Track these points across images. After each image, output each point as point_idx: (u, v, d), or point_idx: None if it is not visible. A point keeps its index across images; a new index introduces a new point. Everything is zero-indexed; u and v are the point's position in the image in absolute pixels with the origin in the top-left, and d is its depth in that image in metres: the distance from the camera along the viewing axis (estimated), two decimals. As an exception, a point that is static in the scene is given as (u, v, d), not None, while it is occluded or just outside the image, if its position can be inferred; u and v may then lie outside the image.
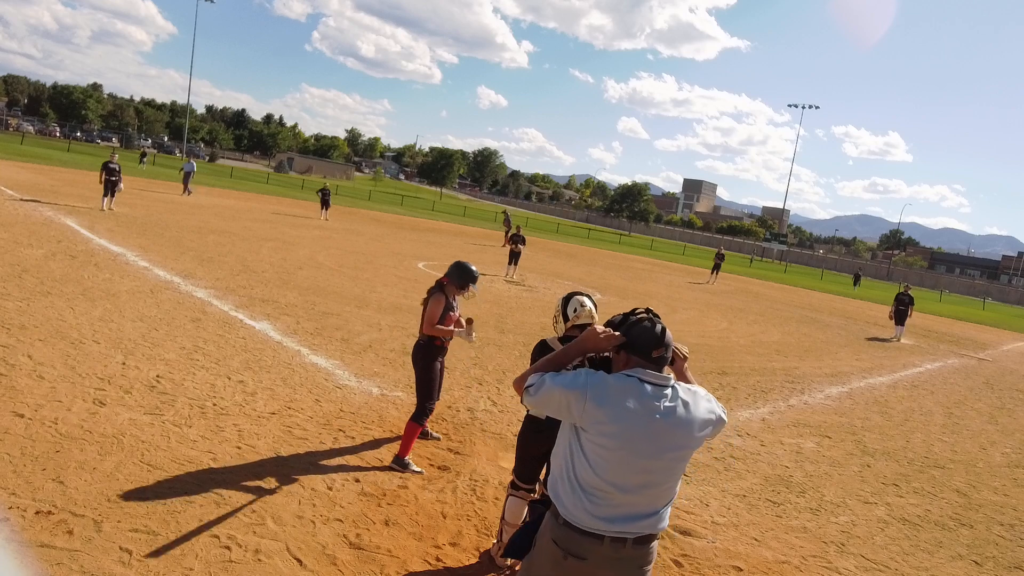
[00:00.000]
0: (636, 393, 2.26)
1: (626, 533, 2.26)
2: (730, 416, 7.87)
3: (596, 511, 2.26)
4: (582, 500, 2.27)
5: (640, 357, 2.33)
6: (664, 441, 2.26)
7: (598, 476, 2.25)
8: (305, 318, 9.37)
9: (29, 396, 5.11)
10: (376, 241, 23.02)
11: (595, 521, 2.26)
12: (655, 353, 2.33)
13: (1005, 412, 10.95)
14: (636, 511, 2.28)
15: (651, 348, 2.33)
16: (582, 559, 2.27)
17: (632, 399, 2.24)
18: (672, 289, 23.83)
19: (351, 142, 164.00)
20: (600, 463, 2.25)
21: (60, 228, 13.81)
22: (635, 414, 2.23)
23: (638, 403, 2.24)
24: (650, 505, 2.30)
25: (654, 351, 2.33)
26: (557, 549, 2.31)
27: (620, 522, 2.26)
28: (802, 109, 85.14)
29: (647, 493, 2.29)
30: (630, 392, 2.26)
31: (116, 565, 3.31)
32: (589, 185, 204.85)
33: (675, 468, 2.33)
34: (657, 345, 2.34)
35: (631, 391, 2.26)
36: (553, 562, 2.32)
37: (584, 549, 2.27)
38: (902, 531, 5.41)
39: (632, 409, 2.23)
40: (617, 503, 2.26)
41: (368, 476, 4.81)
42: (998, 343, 23.19)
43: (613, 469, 2.25)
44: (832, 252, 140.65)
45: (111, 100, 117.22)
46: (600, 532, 2.25)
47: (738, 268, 50.13)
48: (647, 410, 2.24)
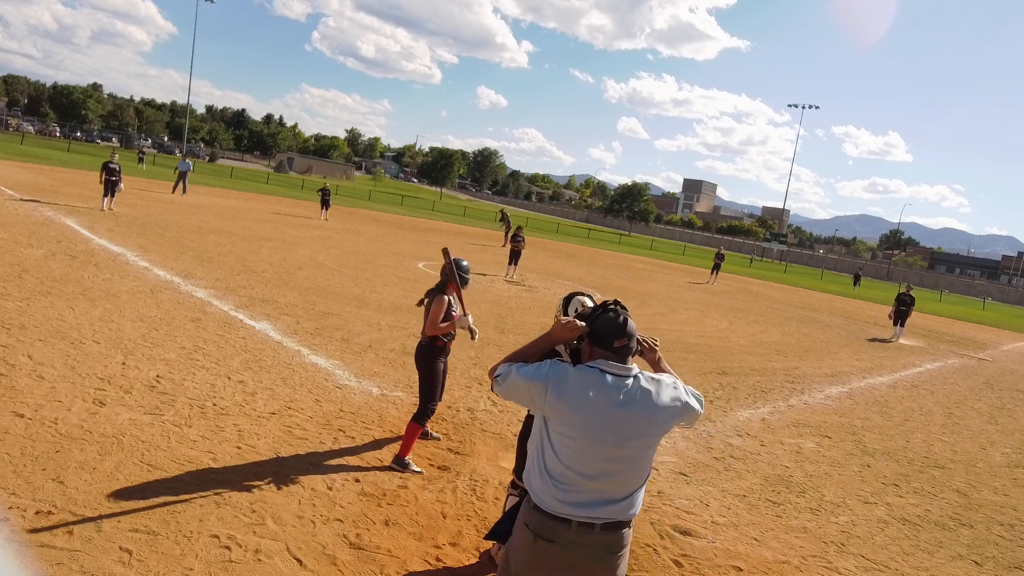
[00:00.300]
0: (596, 383, 2.33)
1: (593, 518, 2.34)
2: (730, 416, 7.90)
3: (563, 497, 2.34)
4: (550, 486, 2.36)
5: (603, 348, 2.39)
6: (625, 430, 2.32)
7: (563, 464, 2.34)
8: (305, 318, 9.38)
9: (29, 396, 5.11)
10: (376, 241, 23.02)
11: (562, 506, 2.35)
12: (617, 343, 2.38)
13: (1005, 412, 10.95)
14: (602, 497, 2.35)
15: (613, 338, 2.38)
16: (550, 542, 2.36)
17: (592, 389, 2.32)
18: (672, 289, 23.83)
19: (351, 142, 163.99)
20: (564, 451, 2.34)
21: (60, 228, 13.81)
22: (594, 404, 2.30)
23: (598, 393, 2.31)
24: (617, 492, 2.37)
25: (616, 341, 2.38)
26: (528, 532, 2.41)
27: (586, 507, 2.34)
28: (802, 109, 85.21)
29: (612, 480, 2.36)
30: (590, 382, 2.33)
31: (116, 565, 3.31)
32: (589, 185, 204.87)
33: (639, 456, 2.38)
34: (619, 336, 2.38)
35: (591, 381, 2.33)
36: (526, 545, 2.42)
37: (552, 532, 2.36)
38: (902, 531, 5.41)
39: (591, 399, 2.30)
40: (583, 489, 2.34)
41: (368, 476, 4.81)
42: (998, 343, 23.20)
43: (576, 457, 2.33)
44: (832, 252, 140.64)
45: (111, 100, 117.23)
46: (567, 517, 2.34)
47: (738, 268, 50.14)
48: (607, 400, 2.31)
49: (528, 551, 2.42)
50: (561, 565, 2.38)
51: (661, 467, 5.91)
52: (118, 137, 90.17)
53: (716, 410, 8.13)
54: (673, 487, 5.52)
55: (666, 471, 5.84)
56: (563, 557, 2.36)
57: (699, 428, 7.26)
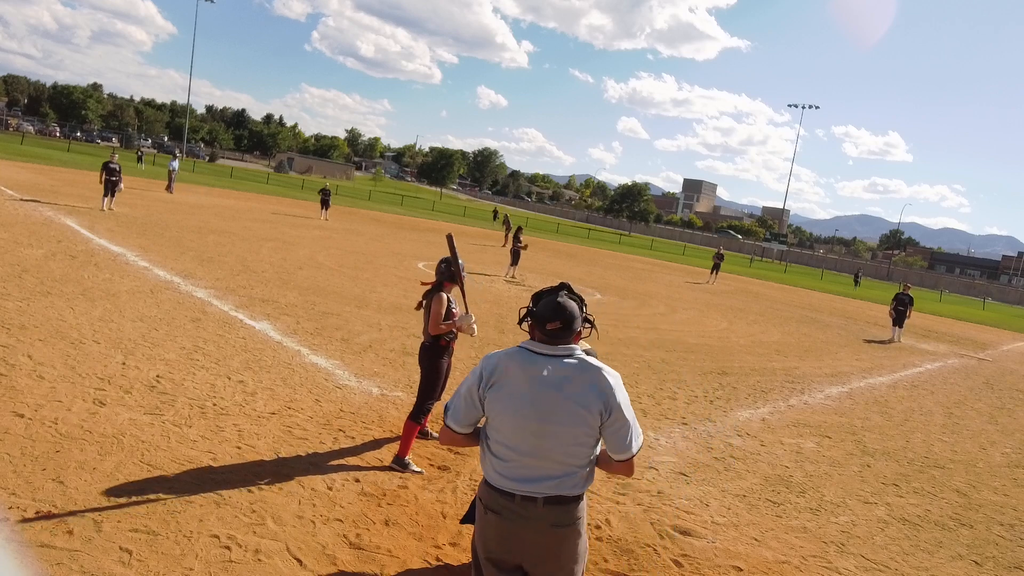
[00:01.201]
0: (521, 362, 2.47)
1: (534, 493, 2.44)
2: (730, 416, 7.90)
3: (505, 471, 2.48)
4: (494, 462, 2.51)
5: (539, 330, 2.51)
6: (545, 407, 2.42)
7: (499, 441, 2.49)
8: (305, 318, 9.37)
9: (29, 396, 5.11)
10: (376, 241, 23.02)
11: (505, 480, 2.48)
12: (549, 326, 2.48)
13: (1005, 412, 10.95)
14: (541, 474, 2.45)
15: (546, 321, 2.48)
16: (497, 514, 2.49)
17: (518, 368, 2.46)
18: (672, 289, 23.83)
19: (351, 142, 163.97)
20: (499, 428, 2.49)
21: (60, 228, 13.81)
22: (517, 382, 2.45)
23: (521, 372, 2.46)
24: (553, 469, 2.45)
25: (548, 324, 2.48)
26: (481, 506, 2.56)
27: (527, 482, 2.45)
28: (802, 109, 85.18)
29: (544, 457, 2.44)
30: (516, 362, 2.48)
31: (116, 565, 3.31)
32: (589, 185, 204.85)
33: (567, 436, 2.43)
34: (551, 319, 2.48)
35: (517, 361, 2.48)
36: (480, 518, 2.57)
37: (498, 505, 2.48)
38: (902, 531, 5.41)
39: (515, 377, 2.46)
40: (521, 465, 2.46)
41: (368, 476, 4.81)
42: (998, 343, 23.19)
43: (508, 433, 2.46)
44: (832, 252, 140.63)
45: (111, 100, 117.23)
46: (510, 491, 2.46)
47: (738, 268, 50.14)
48: (528, 378, 2.44)
49: (482, 524, 2.56)
50: (509, 536, 2.49)
51: (661, 467, 5.91)
52: (118, 137, 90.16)
53: (716, 410, 8.13)
54: (673, 487, 5.52)
55: (666, 471, 5.84)
56: (510, 528, 2.48)
57: (699, 428, 7.26)
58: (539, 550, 2.49)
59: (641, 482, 5.50)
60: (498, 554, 2.53)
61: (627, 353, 10.69)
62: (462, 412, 2.56)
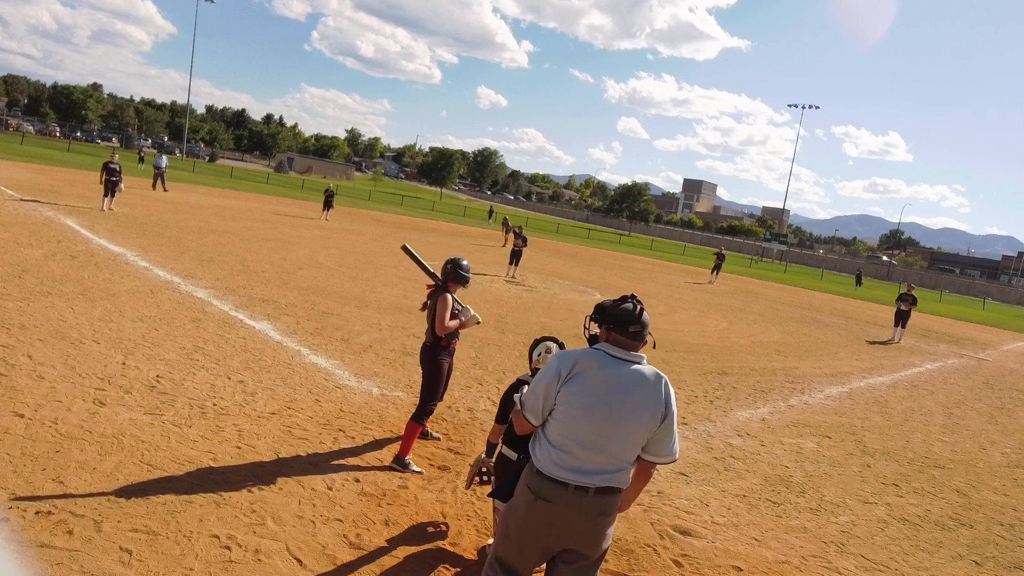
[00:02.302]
0: (599, 364, 2.67)
1: (588, 484, 2.64)
2: (730, 416, 7.90)
3: (562, 463, 2.66)
4: (551, 454, 2.69)
5: (618, 333, 2.71)
6: (618, 408, 2.62)
7: (562, 433, 2.67)
8: (305, 318, 9.37)
9: (29, 396, 5.11)
10: (376, 241, 23.01)
11: (561, 471, 2.66)
12: (632, 328, 2.69)
13: (1005, 412, 10.95)
14: (597, 467, 2.66)
15: (628, 324, 2.69)
16: (549, 502, 2.67)
17: (595, 369, 2.66)
18: (672, 289, 23.83)
19: (351, 142, 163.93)
20: (564, 420, 2.67)
21: (60, 228, 13.82)
22: (594, 382, 2.64)
23: (598, 372, 2.65)
24: (609, 463, 2.66)
25: (631, 327, 2.69)
26: (530, 493, 2.72)
27: (582, 474, 2.65)
28: (802, 109, 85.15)
29: (605, 451, 2.65)
30: (594, 363, 2.67)
31: (116, 565, 3.31)
32: (589, 185, 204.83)
33: (630, 434, 2.65)
34: (633, 322, 2.69)
35: (595, 362, 2.67)
36: (527, 504, 2.73)
37: (551, 493, 2.67)
38: (902, 531, 5.41)
39: (592, 377, 2.64)
40: (579, 457, 2.65)
41: (368, 476, 4.81)
42: (998, 343, 23.19)
43: (574, 426, 2.65)
44: (832, 252, 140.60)
45: (111, 100, 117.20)
46: (565, 480, 2.65)
47: (738, 268, 50.13)
48: (606, 379, 2.64)
49: (527, 509, 2.73)
50: (556, 523, 2.68)
51: (661, 467, 5.91)
52: (118, 137, 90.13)
53: (716, 410, 8.13)
54: (673, 487, 5.52)
55: (666, 471, 5.83)
56: (559, 516, 2.67)
57: (699, 428, 7.26)
58: (581, 535, 2.70)
59: (641, 482, 5.50)
60: (542, 538, 2.72)
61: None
62: (539, 403, 2.73)
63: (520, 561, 2.80)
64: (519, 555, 2.79)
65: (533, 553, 2.77)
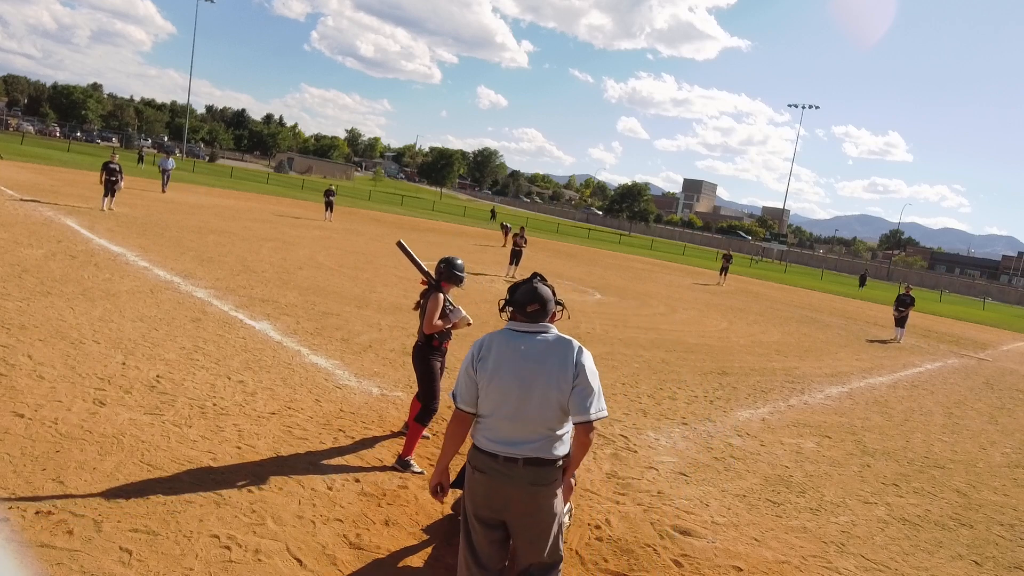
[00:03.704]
0: (506, 339, 2.90)
1: (515, 454, 2.80)
2: (730, 416, 7.89)
3: (491, 435, 2.85)
4: (481, 428, 2.89)
5: (519, 312, 2.93)
6: (524, 376, 2.80)
7: (487, 408, 2.86)
8: (305, 318, 9.37)
9: (29, 396, 5.10)
10: (376, 241, 23.01)
11: (490, 443, 2.84)
12: (529, 308, 2.91)
13: (1005, 412, 10.95)
14: (521, 437, 2.80)
15: (525, 304, 2.91)
16: (483, 472, 2.84)
17: (502, 344, 2.88)
18: (672, 289, 23.83)
19: (351, 142, 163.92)
20: (485, 396, 2.86)
21: (60, 228, 13.81)
22: (503, 355, 2.85)
23: (505, 346, 2.87)
24: (533, 431, 2.81)
25: (528, 307, 2.91)
26: (470, 467, 2.92)
27: (510, 444, 2.81)
28: (802, 109, 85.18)
29: (526, 419, 2.80)
30: (502, 339, 2.90)
31: (116, 565, 3.31)
32: (589, 185, 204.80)
33: (542, 402, 2.79)
34: (531, 301, 2.90)
35: (502, 338, 2.90)
36: (469, 477, 2.92)
37: (484, 464, 2.85)
38: (902, 531, 5.41)
39: (501, 351, 2.86)
40: (505, 429, 2.82)
41: (368, 476, 4.81)
42: (998, 343, 23.19)
43: (493, 399, 2.83)
44: (832, 252, 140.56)
45: (111, 100, 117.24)
46: (494, 452, 2.82)
47: (738, 268, 50.13)
48: (511, 351, 2.85)
49: (470, 483, 2.92)
50: (493, 493, 2.83)
51: (661, 467, 5.91)
52: (118, 137, 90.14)
53: (716, 410, 8.13)
54: (673, 487, 5.52)
55: (666, 471, 5.84)
56: (494, 486, 2.82)
57: (699, 428, 7.26)
58: (519, 506, 2.83)
59: (641, 482, 5.50)
60: (484, 510, 2.88)
61: (627, 353, 10.69)
62: (463, 389, 2.90)
63: (478, 542, 2.92)
64: (475, 535, 2.93)
65: (483, 529, 2.90)
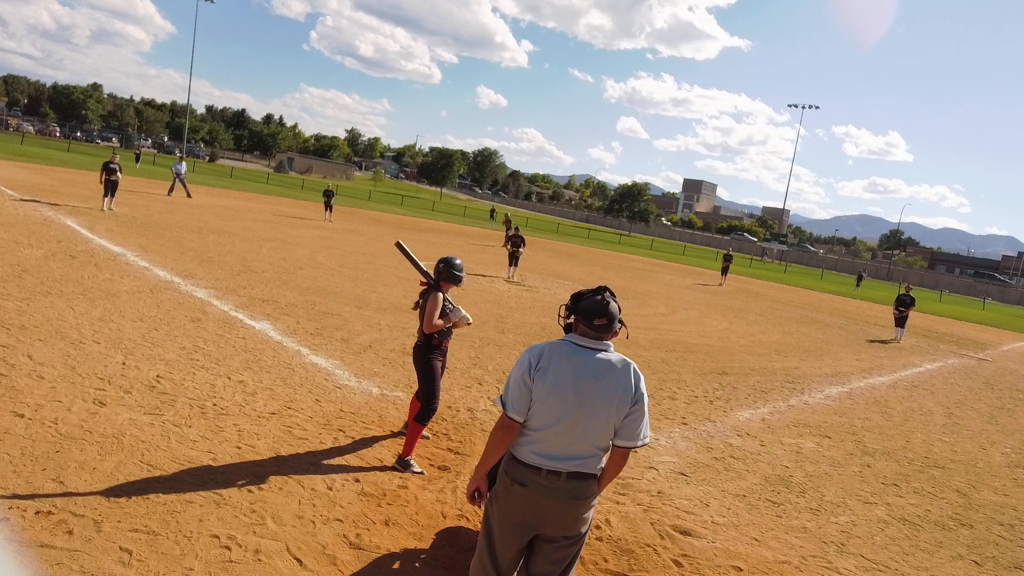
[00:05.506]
0: (567, 353, 2.78)
1: (560, 468, 2.76)
2: (730, 416, 7.90)
3: (536, 449, 2.78)
4: (525, 440, 2.81)
5: (584, 325, 2.82)
6: (583, 393, 2.72)
7: (535, 420, 2.77)
8: (305, 318, 9.37)
9: (29, 396, 5.10)
10: (376, 241, 23.01)
11: (535, 457, 2.78)
12: (597, 322, 2.79)
13: (1005, 412, 10.95)
14: (569, 452, 2.76)
15: (593, 317, 2.80)
16: (524, 486, 2.79)
17: (563, 358, 2.76)
18: (672, 289, 23.83)
19: (351, 142, 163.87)
20: (537, 409, 2.76)
21: (60, 228, 13.81)
22: (563, 370, 2.74)
23: (567, 362, 2.76)
24: (581, 448, 2.77)
25: (596, 320, 2.79)
26: (507, 479, 2.85)
27: (555, 459, 2.76)
28: (802, 109, 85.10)
29: (576, 436, 2.75)
30: (562, 353, 2.78)
31: (116, 565, 3.31)
32: (589, 185, 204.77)
33: (597, 421, 2.74)
34: (599, 315, 2.79)
35: (563, 352, 2.78)
36: (504, 489, 2.86)
37: (525, 477, 2.79)
38: (902, 531, 5.41)
39: (561, 366, 2.75)
40: (552, 443, 2.76)
41: (368, 476, 4.81)
42: (998, 343, 23.19)
43: (546, 413, 2.75)
44: (832, 252, 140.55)
45: (111, 100, 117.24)
46: (538, 465, 2.77)
47: (738, 268, 50.13)
48: (573, 367, 2.74)
49: (506, 494, 2.85)
50: (531, 507, 2.80)
51: (661, 467, 5.91)
52: (118, 137, 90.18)
53: (716, 410, 8.13)
54: (673, 487, 5.52)
55: (666, 471, 5.84)
56: (533, 498, 2.79)
57: (699, 428, 7.26)
58: (557, 518, 2.81)
59: (641, 482, 5.50)
60: (517, 522, 2.84)
61: (627, 353, 10.62)
62: (516, 397, 2.78)
63: (501, 549, 2.89)
64: (500, 543, 2.89)
65: (511, 539, 2.87)
